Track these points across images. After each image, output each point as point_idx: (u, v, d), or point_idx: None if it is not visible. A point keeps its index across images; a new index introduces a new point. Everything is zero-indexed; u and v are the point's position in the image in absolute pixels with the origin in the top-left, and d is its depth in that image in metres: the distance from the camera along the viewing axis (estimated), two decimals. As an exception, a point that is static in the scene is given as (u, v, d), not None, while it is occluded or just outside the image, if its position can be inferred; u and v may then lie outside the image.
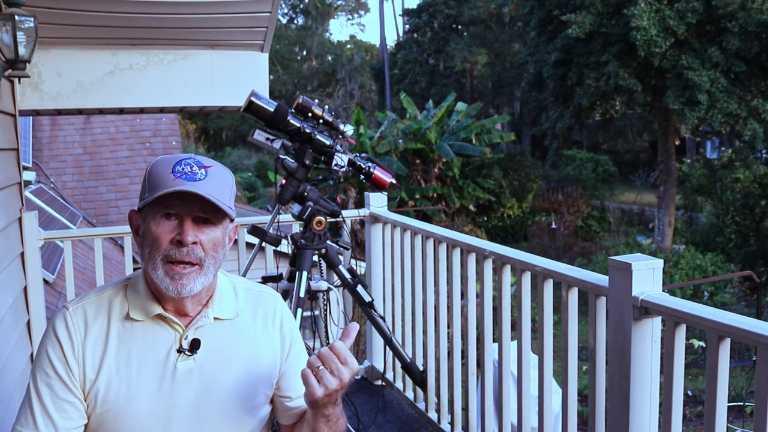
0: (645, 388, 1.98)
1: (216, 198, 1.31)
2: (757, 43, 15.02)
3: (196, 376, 1.38)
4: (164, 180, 1.31)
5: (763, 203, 15.13)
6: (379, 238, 3.78)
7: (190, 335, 1.38)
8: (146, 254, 1.35)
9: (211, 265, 1.35)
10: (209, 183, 1.32)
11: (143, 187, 1.36)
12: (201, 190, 1.30)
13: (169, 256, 1.32)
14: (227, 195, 1.36)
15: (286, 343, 1.50)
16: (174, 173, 1.32)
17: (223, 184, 1.35)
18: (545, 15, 19.10)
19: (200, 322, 1.40)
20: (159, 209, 1.32)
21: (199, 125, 33.54)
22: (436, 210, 17.68)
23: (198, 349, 1.38)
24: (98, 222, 10.69)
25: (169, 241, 1.32)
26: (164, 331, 1.38)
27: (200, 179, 1.32)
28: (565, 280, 2.28)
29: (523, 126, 30.46)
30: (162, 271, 1.32)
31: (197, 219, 1.33)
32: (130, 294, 1.40)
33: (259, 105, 2.78)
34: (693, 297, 12.03)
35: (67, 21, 3.19)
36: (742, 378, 9.06)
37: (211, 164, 1.36)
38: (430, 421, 3.30)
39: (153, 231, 1.33)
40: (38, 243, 3.29)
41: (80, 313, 1.38)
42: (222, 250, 1.38)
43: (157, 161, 1.37)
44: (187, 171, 1.32)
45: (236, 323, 1.44)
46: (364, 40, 46.34)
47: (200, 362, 1.39)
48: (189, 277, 1.33)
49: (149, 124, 12.42)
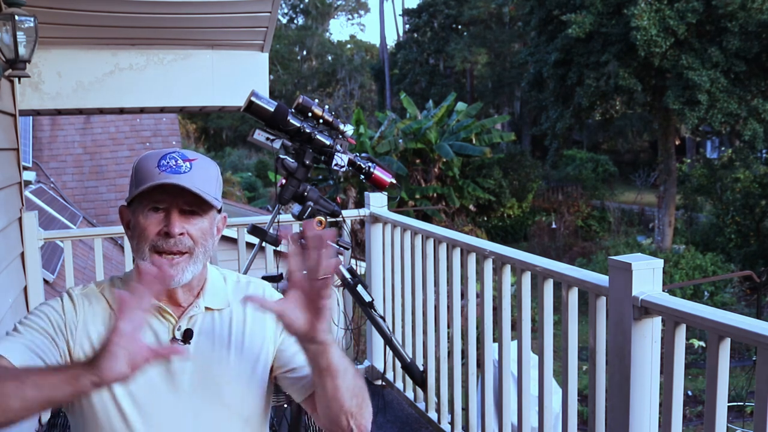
0: (645, 388, 1.98)
1: (201, 190, 1.35)
2: (757, 43, 15.01)
3: (191, 366, 1.39)
4: (150, 174, 1.36)
5: (763, 203, 15.11)
6: (379, 238, 3.78)
7: (182, 325, 1.41)
8: (135, 246, 1.39)
9: (201, 253, 1.39)
10: (194, 175, 1.36)
11: (131, 182, 1.41)
12: (186, 183, 1.34)
13: (156, 246, 1.35)
14: (212, 186, 1.40)
15: (279, 326, 1.48)
16: (159, 167, 1.36)
17: (207, 175, 1.39)
18: (545, 15, 19.09)
19: (192, 311, 1.42)
20: (146, 203, 1.37)
21: (199, 125, 33.53)
22: (436, 210, 17.68)
23: (191, 339, 1.40)
24: (98, 222, 10.69)
25: (156, 233, 1.35)
26: (157, 322, 1.40)
27: (185, 172, 1.36)
28: (565, 280, 2.28)
29: (523, 126, 30.45)
30: (150, 261, 1.35)
31: (183, 211, 1.37)
32: (124, 287, 1.43)
33: (259, 105, 2.78)
34: (693, 297, 12.03)
35: (67, 21, 3.19)
36: (742, 378, 9.05)
37: (195, 157, 1.40)
38: (430, 421, 3.30)
39: (141, 224, 1.37)
40: (38, 243, 3.30)
41: (81, 297, 1.42)
42: (211, 239, 1.42)
43: (144, 156, 1.42)
44: (171, 164, 1.36)
45: (227, 312, 1.47)
46: (364, 40, 46.36)
47: (194, 352, 1.40)
48: (178, 267, 1.36)
49: (149, 124, 12.41)
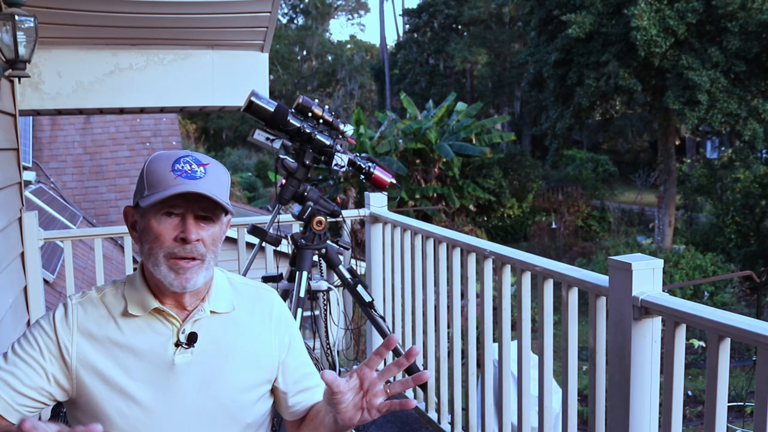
0: (645, 388, 1.98)
1: (217, 196, 1.34)
2: (757, 43, 15.01)
3: (195, 369, 1.39)
4: (165, 178, 1.33)
5: (763, 203, 15.11)
6: (379, 238, 3.78)
7: (187, 329, 1.40)
8: (146, 250, 1.36)
9: (212, 259, 1.39)
10: (209, 181, 1.35)
11: (141, 183, 1.37)
12: (203, 189, 1.32)
13: (173, 253, 1.34)
14: (225, 191, 1.39)
15: (285, 338, 1.50)
16: (174, 171, 1.34)
17: (221, 180, 1.38)
18: (545, 15, 19.09)
19: (197, 315, 1.41)
20: (161, 207, 1.34)
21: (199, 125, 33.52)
22: (436, 210, 17.67)
23: (195, 342, 1.39)
24: (98, 222, 10.69)
25: (172, 239, 1.34)
26: (162, 326, 1.40)
27: (200, 177, 1.34)
28: (565, 280, 2.28)
29: (523, 126, 30.45)
30: (165, 267, 1.34)
31: (198, 216, 1.36)
32: (128, 291, 1.41)
33: (259, 105, 2.79)
34: (693, 297, 12.03)
35: (67, 21, 3.19)
36: (742, 378, 9.05)
37: (208, 161, 1.38)
38: (430, 421, 3.30)
39: (155, 229, 1.34)
40: (38, 243, 3.29)
41: (80, 306, 1.40)
42: (220, 244, 1.42)
43: (155, 158, 1.39)
44: (186, 169, 1.34)
45: (233, 316, 1.45)
46: (364, 40, 46.33)
47: (198, 355, 1.40)
48: (192, 270, 1.35)
49: (149, 124, 12.41)
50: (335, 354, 3.17)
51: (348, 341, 3.84)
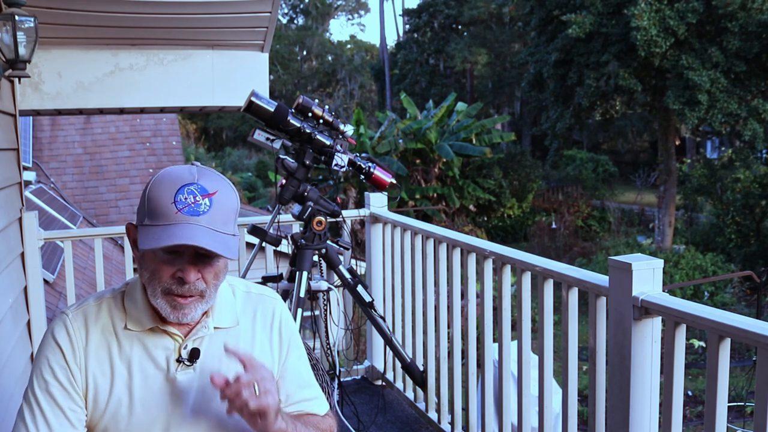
0: (645, 388, 1.98)
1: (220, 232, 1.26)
2: (757, 43, 15.00)
3: (196, 386, 1.37)
4: (166, 211, 1.25)
5: (763, 203, 15.11)
6: (379, 238, 3.78)
7: (189, 345, 1.37)
8: (145, 278, 1.32)
9: (213, 292, 1.33)
10: (214, 216, 1.26)
11: (142, 207, 1.30)
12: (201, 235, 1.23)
13: (170, 290, 1.29)
14: (232, 223, 1.31)
15: (284, 345, 1.48)
16: (177, 203, 1.24)
17: (227, 211, 1.29)
18: (545, 15, 19.09)
19: (200, 332, 1.38)
20: None
21: (199, 125, 33.53)
22: (436, 210, 17.68)
23: (197, 359, 1.37)
24: (98, 222, 10.69)
25: (170, 276, 1.28)
26: (163, 341, 1.37)
27: (204, 212, 1.25)
28: (565, 280, 2.28)
29: (523, 126, 30.46)
30: (162, 301, 1.30)
31: (199, 254, 1.28)
32: (128, 304, 1.38)
33: (259, 105, 2.79)
34: (693, 297, 12.03)
35: (67, 21, 3.18)
36: (742, 378, 9.05)
37: (215, 189, 1.27)
38: (430, 421, 3.30)
39: (153, 264, 1.29)
40: (38, 243, 3.29)
41: (80, 318, 1.36)
42: (224, 275, 1.36)
43: (158, 181, 1.28)
44: (190, 201, 1.24)
45: (236, 331, 1.42)
46: (364, 40, 46.33)
47: (200, 372, 1.37)
48: (190, 306, 1.31)
49: (149, 124, 12.42)
50: (335, 354, 3.18)
51: (348, 341, 3.84)
